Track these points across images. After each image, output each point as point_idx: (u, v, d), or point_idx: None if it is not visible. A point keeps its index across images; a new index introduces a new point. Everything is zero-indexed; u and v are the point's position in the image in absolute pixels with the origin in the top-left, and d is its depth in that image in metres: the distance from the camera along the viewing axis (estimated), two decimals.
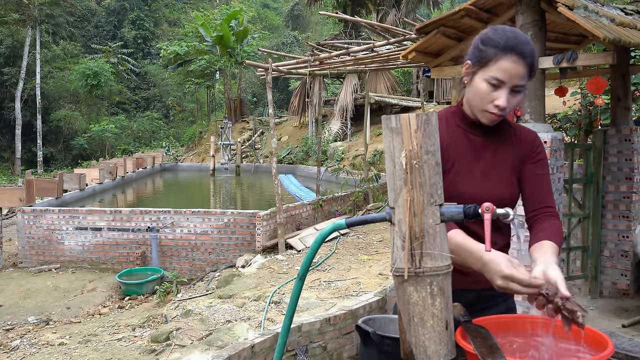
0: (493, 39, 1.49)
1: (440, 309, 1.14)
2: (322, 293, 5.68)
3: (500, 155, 1.63)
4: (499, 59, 1.47)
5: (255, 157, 23.59)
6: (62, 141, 29.19)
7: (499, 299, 1.68)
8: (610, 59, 3.79)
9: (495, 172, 1.62)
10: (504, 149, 1.64)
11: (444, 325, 1.15)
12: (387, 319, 1.56)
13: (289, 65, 9.17)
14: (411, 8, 21.71)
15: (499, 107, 1.50)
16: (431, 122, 1.14)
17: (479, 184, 1.60)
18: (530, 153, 1.65)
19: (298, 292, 1.41)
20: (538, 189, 1.63)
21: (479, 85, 1.52)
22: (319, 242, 1.33)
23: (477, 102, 1.54)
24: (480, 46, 1.51)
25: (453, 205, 1.16)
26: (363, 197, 10.94)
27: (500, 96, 1.49)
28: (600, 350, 1.16)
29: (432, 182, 1.14)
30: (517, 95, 1.51)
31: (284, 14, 42.49)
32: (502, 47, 1.47)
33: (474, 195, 1.55)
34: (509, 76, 1.47)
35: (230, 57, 25.12)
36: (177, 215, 9.23)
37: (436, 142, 1.14)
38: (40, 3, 27.10)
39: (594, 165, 4.88)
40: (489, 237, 1.13)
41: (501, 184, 1.61)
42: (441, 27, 4.16)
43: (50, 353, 5.41)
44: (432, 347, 1.14)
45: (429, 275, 1.14)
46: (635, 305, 4.58)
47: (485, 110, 1.53)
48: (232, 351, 3.46)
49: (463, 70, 1.58)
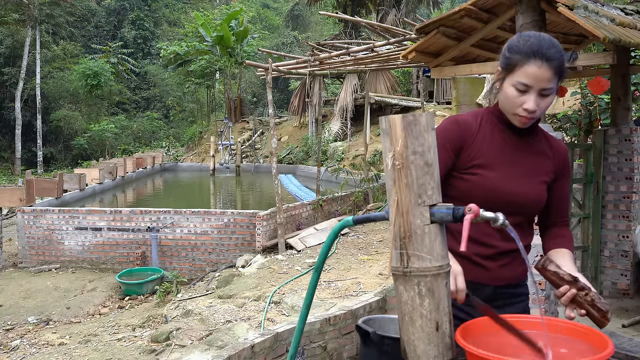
0: (517, 46, 1.55)
1: (429, 310, 1.15)
2: (322, 293, 5.68)
3: (535, 160, 1.69)
4: (523, 65, 1.52)
5: (255, 157, 23.58)
6: (62, 141, 29.19)
7: (516, 299, 1.73)
8: (610, 59, 3.79)
9: (532, 173, 1.68)
10: (540, 156, 1.70)
11: (434, 327, 1.15)
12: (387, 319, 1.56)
13: (289, 65, 9.17)
14: (411, 8, 21.72)
15: (527, 110, 1.55)
16: (419, 122, 1.14)
17: (518, 181, 1.65)
18: (563, 168, 1.74)
19: (315, 283, 1.47)
20: (562, 203, 1.76)
21: (507, 90, 1.58)
22: (333, 237, 1.40)
23: (507, 106, 1.61)
24: (507, 53, 1.57)
25: (445, 206, 1.16)
26: (363, 197, 10.94)
27: (528, 100, 1.54)
28: (600, 350, 1.16)
29: (420, 183, 1.14)
30: (546, 98, 1.56)
31: (284, 14, 42.46)
32: (525, 53, 1.52)
33: (514, 191, 1.63)
34: (534, 80, 1.52)
35: (230, 57, 25.11)
36: (177, 215, 9.23)
37: (425, 142, 1.14)
38: (40, 3, 27.11)
39: (594, 165, 4.88)
40: (465, 238, 1.14)
41: (539, 185, 1.68)
42: (441, 27, 4.16)
43: (50, 353, 5.41)
44: (420, 346, 1.16)
45: (416, 276, 1.15)
46: (635, 305, 4.58)
47: (515, 113, 1.59)
48: (232, 351, 3.46)
49: (495, 77, 1.65)
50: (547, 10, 3.85)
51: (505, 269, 1.65)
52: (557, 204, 1.74)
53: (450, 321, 1.18)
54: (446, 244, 1.19)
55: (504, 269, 1.65)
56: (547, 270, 1.45)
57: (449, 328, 1.17)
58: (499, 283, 1.65)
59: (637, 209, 4.80)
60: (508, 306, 1.66)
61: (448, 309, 1.17)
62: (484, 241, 1.61)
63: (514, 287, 1.70)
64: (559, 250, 1.67)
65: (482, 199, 1.46)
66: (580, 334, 1.28)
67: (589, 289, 1.39)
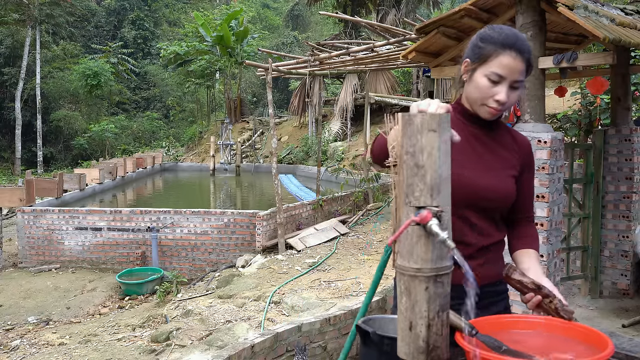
0: (492, 36, 1.54)
1: (405, 307, 1.17)
2: (322, 293, 5.68)
3: (501, 154, 1.68)
4: (499, 55, 1.52)
5: (255, 157, 23.58)
6: (62, 141, 29.20)
7: (499, 297, 1.72)
8: (610, 59, 3.78)
9: (500, 167, 1.67)
10: (505, 150, 1.69)
11: (408, 325, 1.16)
12: (387, 319, 1.56)
13: (289, 65, 9.17)
14: (411, 8, 21.71)
15: (499, 101, 1.55)
16: (413, 123, 1.14)
17: (488, 175, 1.63)
18: (528, 162, 1.73)
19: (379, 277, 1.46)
20: (528, 198, 1.75)
21: (479, 81, 1.56)
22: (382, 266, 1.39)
23: (476, 97, 1.59)
24: (480, 43, 1.56)
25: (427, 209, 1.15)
26: (363, 197, 10.94)
27: (500, 91, 1.54)
28: (600, 350, 1.16)
29: (409, 183, 1.15)
30: (516, 91, 1.56)
31: (284, 14, 42.47)
32: (501, 44, 1.52)
33: (485, 186, 1.61)
34: (509, 71, 1.52)
35: (230, 57, 25.11)
36: (177, 215, 9.23)
37: (417, 143, 1.13)
38: (40, 3, 27.11)
39: (594, 165, 4.88)
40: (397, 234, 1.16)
41: (507, 179, 1.67)
42: (441, 27, 4.16)
43: (50, 353, 5.41)
44: (399, 340, 1.20)
45: (399, 273, 1.19)
46: (635, 305, 4.58)
47: (485, 104, 1.58)
48: (232, 351, 3.46)
49: (462, 68, 1.62)
50: (547, 10, 3.85)
51: (486, 268, 1.64)
52: (523, 199, 1.72)
53: (430, 326, 1.15)
54: (435, 249, 1.15)
55: (484, 267, 1.64)
56: (512, 278, 1.47)
57: (426, 333, 1.15)
58: (483, 282, 1.61)
59: (637, 209, 4.80)
60: (493, 305, 1.66)
61: (426, 313, 1.15)
62: (461, 239, 1.56)
63: (496, 285, 1.69)
64: (525, 251, 1.66)
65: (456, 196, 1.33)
66: (579, 334, 1.28)
67: (553, 296, 1.40)
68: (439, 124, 1.14)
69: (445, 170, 1.15)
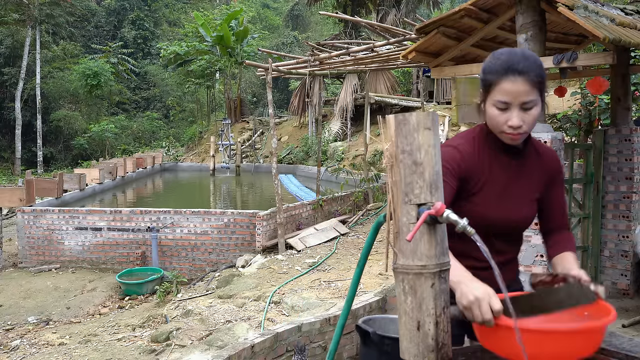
0: (490, 66, 1.56)
1: (411, 307, 1.16)
2: (322, 293, 5.68)
3: (525, 182, 1.72)
4: (499, 83, 1.53)
5: (255, 157, 23.58)
6: (62, 141, 29.20)
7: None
8: (610, 59, 3.78)
9: (523, 196, 1.71)
10: (530, 175, 1.72)
11: (415, 325, 1.15)
12: (387, 319, 1.56)
13: (289, 65, 9.16)
14: (411, 8, 21.71)
15: (512, 126, 1.56)
16: (408, 122, 1.15)
17: (508, 206, 1.69)
18: (553, 175, 1.76)
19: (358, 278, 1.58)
20: (557, 209, 1.79)
21: (489, 111, 1.59)
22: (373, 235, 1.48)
23: (493, 125, 1.61)
24: (482, 75, 1.59)
25: (428, 206, 1.16)
26: (363, 197, 10.94)
27: (511, 116, 1.55)
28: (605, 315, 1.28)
29: (408, 182, 1.15)
30: (530, 111, 1.55)
31: (284, 14, 42.48)
32: (497, 72, 1.54)
33: (502, 218, 1.67)
34: (511, 96, 1.52)
35: (230, 57, 25.10)
36: (177, 215, 9.23)
37: (414, 141, 1.15)
38: (40, 3, 27.11)
39: (594, 165, 4.88)
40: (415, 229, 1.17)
41: (528, 204, 1.72)
42: (441, 27, 4.16)
43: (50, 353, 5.41)
44: (404, 342, 1.18)
45: (400, 273, 1.18)
46: (635, 305, 4.58)
47: (502, 131, 1.60)
48: (232, 351, 3.46)
49: (479, 98, 1.66)
50: (547, 10, 3.85)
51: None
52: (553, 211, 1.78)
53: (437, 323, 1.16)
54: (438, 245, 1.17)
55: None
56: (539, 282, 1.52)
57: (434, 330, 1.15)
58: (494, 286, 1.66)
59: (637, 209, 4.80)
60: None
61: (434, 310, 1.15)
62: (476, 255, 1.58)
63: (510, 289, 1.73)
64: (561, 255, 1.70)
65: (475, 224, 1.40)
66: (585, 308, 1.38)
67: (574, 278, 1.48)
68: (433, 122, 1.16)
69: (439, 167, 1.18)
